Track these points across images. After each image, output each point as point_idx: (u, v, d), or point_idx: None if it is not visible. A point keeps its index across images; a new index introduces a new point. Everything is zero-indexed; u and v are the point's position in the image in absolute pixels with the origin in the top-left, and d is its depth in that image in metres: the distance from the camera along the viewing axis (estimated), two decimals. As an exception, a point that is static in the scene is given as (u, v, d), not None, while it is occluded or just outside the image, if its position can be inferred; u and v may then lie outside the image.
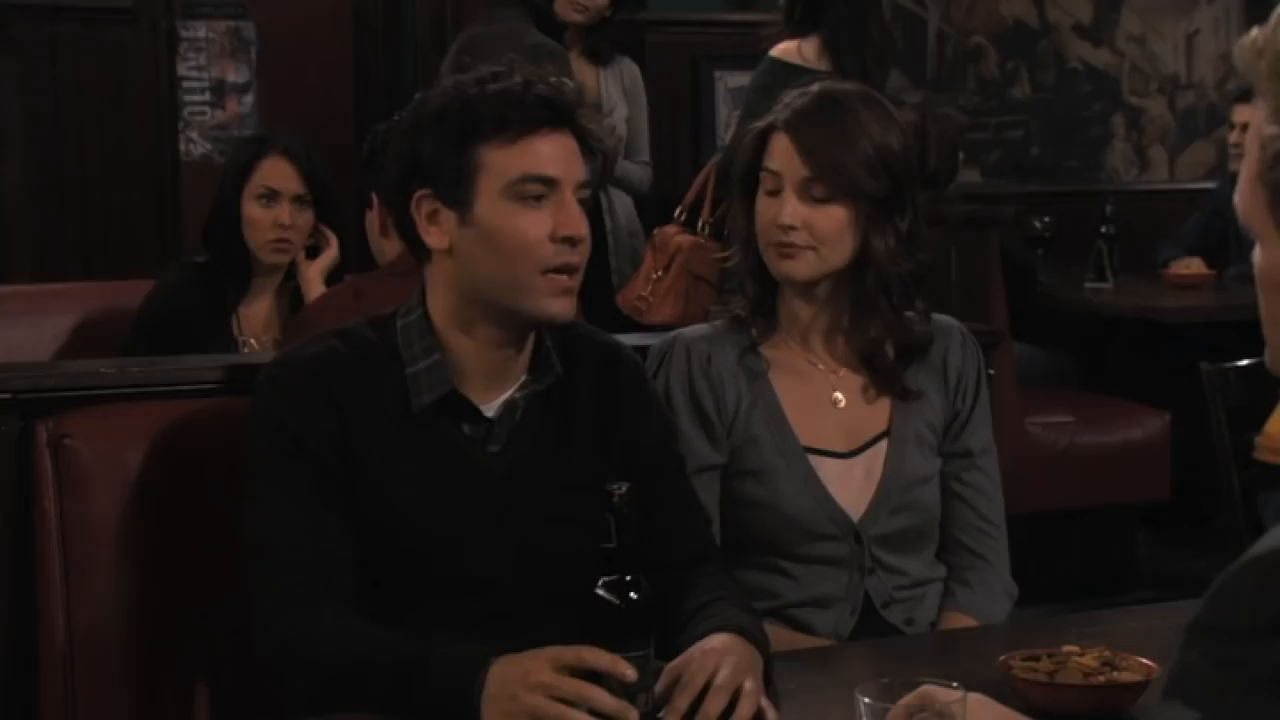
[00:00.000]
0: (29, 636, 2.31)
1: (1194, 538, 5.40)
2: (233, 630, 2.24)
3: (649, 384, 2.30)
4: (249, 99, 5.59)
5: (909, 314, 2.44)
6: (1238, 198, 1.31)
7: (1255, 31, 1.28)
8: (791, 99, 2.43)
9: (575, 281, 2.12)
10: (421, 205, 2.11)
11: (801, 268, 2.38)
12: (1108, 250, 5.53)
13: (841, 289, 2.41)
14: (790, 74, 4.48)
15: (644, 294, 4.72)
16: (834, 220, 2.36)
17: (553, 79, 2.13)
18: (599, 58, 5.13)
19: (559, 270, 2.09)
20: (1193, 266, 5.73)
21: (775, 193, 2.39)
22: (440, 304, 2.14)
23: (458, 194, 2.09)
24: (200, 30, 5.48)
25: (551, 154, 2.09)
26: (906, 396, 2.45)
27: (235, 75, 5.54)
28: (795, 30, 4.52)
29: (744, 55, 4.99)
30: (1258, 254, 1.30)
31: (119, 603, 2.30)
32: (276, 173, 3.53)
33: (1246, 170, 1.29)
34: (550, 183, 2.09)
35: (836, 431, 2.44)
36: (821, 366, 2.46)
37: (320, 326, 2.35)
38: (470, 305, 2.12)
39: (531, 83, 2.10)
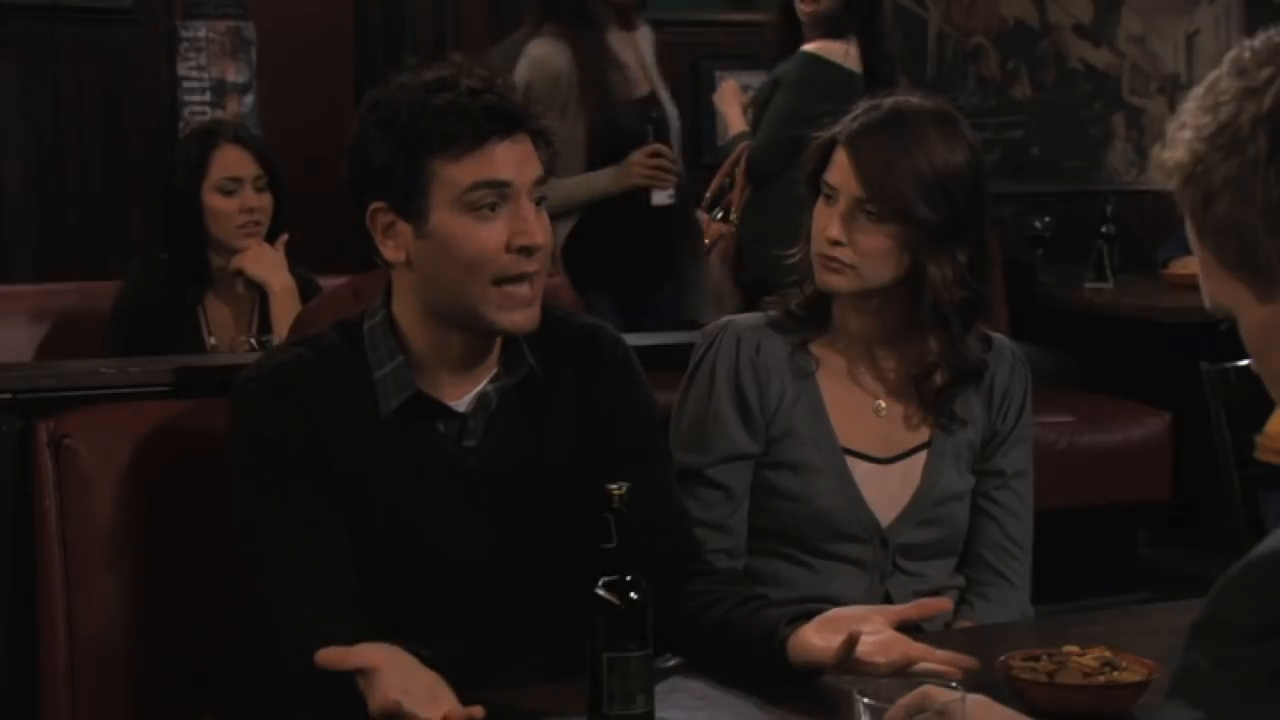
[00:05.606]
0: (29, 636, 2.31)
1: (1194, 538, 5.40)
2: (234, 629, 2.24)
3: (633, 364, 2.26)
4: (249, 99, 5.58)
5: (968, 338, 2.42)
6: (1205, 292, 1.34)
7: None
8: (861, 110, 2.39)
9: (535, 291, 2.09)
10: (377, 218, 2.09)
11: (840, 282, 2.37)
12: (1108, 250, 5.52)
13: (893, 305, 2.40)
14: (827, 70, 4.56)
15: None
16: (881, 242, 2.34)
17: (500, 81, 2.08)
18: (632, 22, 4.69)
19: (514, 280, 2.07)
20: (1192, 266, 5.66)
21: (831, 204, 2.38)
22: (405, 309, 2.13)
23: (412, 207, 2.06)
24: (200, 30, 5.47)
25: (504, 160, 2.05)
26: (950, 421, 2.45)
27: (235, 75, 5.53)
28: (832, 32, 4.60)
29: (744, 55, 4.99)
30: (1241, 323, 1.31)
31: (120, 602, 2.30)
32: (234, 161, 3.58)
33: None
34: (503, 186, 2.05)
35: (876, 436, 2.44)
36: (869, 374, 2.45)
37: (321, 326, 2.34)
38: (434, 312, 2.11)
39: (478, 90, 2.05)
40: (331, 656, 1.83)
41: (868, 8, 4.67)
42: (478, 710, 1.77)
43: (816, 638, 1.96)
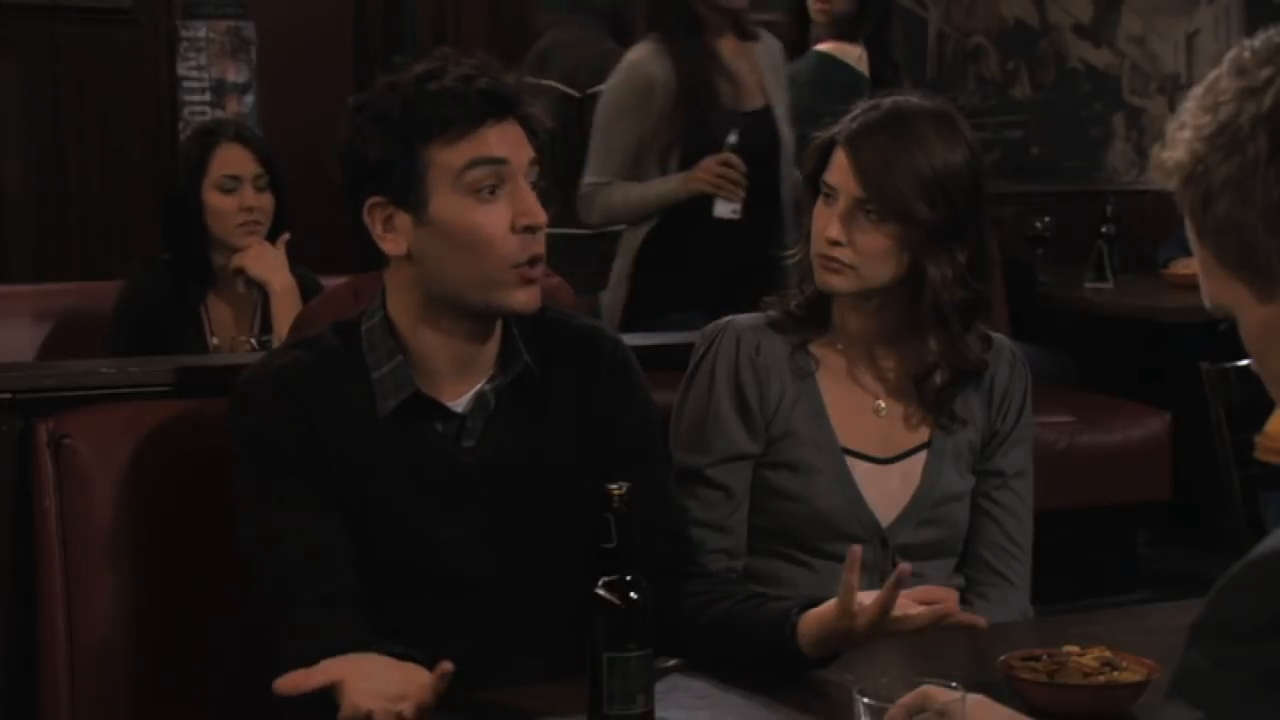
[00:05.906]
0: (29, 636, 2.31)
1: (1194, 538, 5.40)
2: (234, 629, 2.24)
3: (632, 366, 2.26)
4: (249, 99, 5.57)
5: (968, 338, 2.42)
6: (1204, 292, 1.35)
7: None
8: (860, 110, 2.40)
9: (539, 272, 2.11)
10: (375, 212, 2.09)
11: (840, 282, 2.37)
12: (1108, 250, 5.53)
13: (893, 305, 2.40)
14: (840, 70, 4.57)
15: None
16: (880, 242, 2.34)
17: (491, 70, 2.11)
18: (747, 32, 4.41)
19: (528, 264, 2.08)
20: (1192, 266, 5.64)
21: (831, 204, 2.38)
22: (402, 306, 2.13)
23: (410, 196, 2.07)
24: (200, 30, 5.47)
25: (498, 140, 2.07)
26: (950, 421, 2.45)
27: (235, 75, 5.53)
28: (845, 34, 4.60)
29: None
30: (1241, 323, 1.32)
31: (119, 602, 2.30)
32: (234, 159, 3.59)
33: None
34: (500, 164, 2.06)
35: (876, 436, 2.44)
36: (869, 374, 2.46)
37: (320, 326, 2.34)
38: (434, 304, 2.11)
39: (471, 76, 2.08)
40: (292, 682, 1.82)
41: (881, 13, 4.66)
42: (447, 665, 1.76)
43: (825, 609, 1.97)
